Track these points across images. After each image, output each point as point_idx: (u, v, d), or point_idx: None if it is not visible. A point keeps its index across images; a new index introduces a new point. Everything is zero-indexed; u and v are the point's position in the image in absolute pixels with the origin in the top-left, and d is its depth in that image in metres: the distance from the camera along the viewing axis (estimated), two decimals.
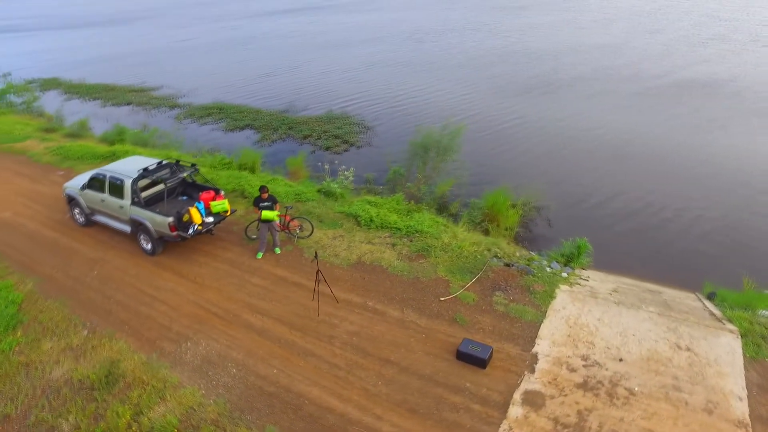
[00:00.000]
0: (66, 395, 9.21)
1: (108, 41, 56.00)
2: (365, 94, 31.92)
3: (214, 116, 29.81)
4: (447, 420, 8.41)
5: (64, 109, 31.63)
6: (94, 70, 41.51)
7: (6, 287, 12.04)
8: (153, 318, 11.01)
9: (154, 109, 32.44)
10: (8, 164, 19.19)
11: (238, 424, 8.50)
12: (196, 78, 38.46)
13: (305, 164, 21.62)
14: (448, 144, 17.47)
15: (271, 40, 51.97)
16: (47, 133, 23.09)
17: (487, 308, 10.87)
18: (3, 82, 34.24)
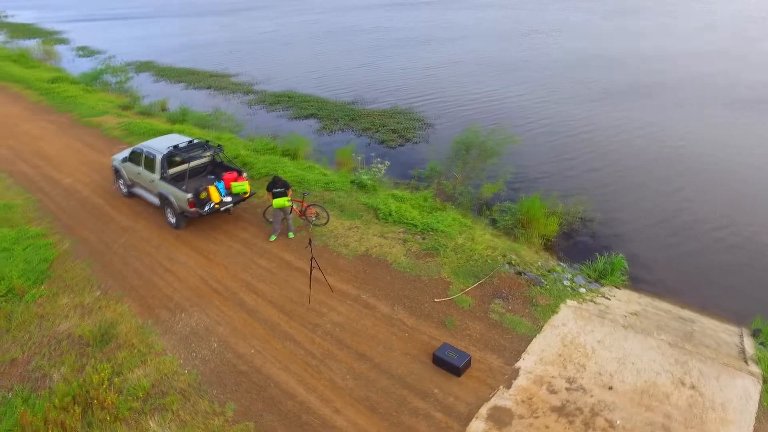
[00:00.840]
0: (64, 348, 9.90)
1: (204, 30, 59.25)
2: (437, 93, 31.40)
3: (283, 104, 30.72)
4: (403, 424, 8.09)
5: (150, 90, 34.11)
6: (185, 56, 44.12)
7: (46, 245, 13.15)
8: (159, 287, 11.55)
9: (230, 94, 33.99)
10: (83, 135, 20.97)
11: (203, 397, 8.70)
12: (274, 67, 39.83)
13: (354, 155, 21.75)
14: (492, 147, 16.77)
15: (355, 34, 52.57)
16: (123, 110, 24.98)
17: (481, 315, 10.34)
18: (106, 63, 37.50)
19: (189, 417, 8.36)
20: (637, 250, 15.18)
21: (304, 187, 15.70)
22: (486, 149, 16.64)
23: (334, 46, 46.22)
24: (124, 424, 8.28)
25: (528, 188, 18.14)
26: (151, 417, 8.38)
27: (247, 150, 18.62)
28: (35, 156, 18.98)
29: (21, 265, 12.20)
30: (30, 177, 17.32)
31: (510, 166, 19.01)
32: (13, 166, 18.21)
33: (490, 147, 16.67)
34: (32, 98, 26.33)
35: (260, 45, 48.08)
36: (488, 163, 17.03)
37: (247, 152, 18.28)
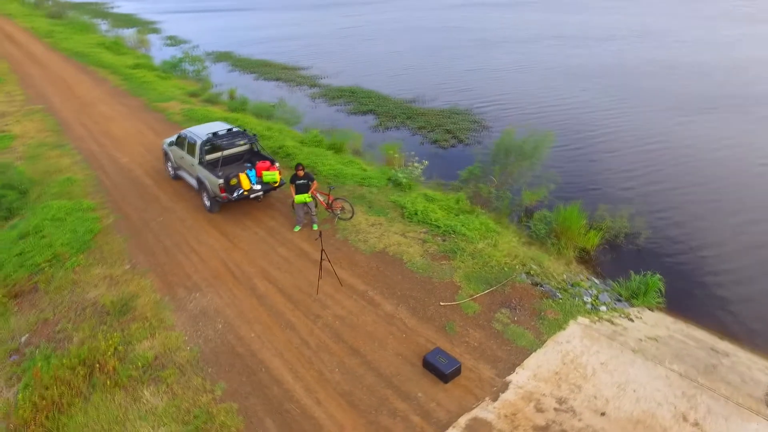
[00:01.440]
0: (87, 314, 10.68)
1: (290, 23, 60.87)
2: (501, 96, 30.57)
3: (345, 98, 31.19)
4: (379, 423, 8.06)
5: (224, 79, 35.76)
6: (263, 48, 45.59)
7: (93, 218, 14.21)
8: (182, 266, 12.15)
9: (297, 86, 34.93)
10: (147, 119, 22.40)
11: (198, 374, 9.10)
12: (345, 63, 40.39)
13: (400, 153, 21.76)
14: (530, 151, 16.19)
15: (435, 33, 52.02)
16: (190, 96, 26.39)
17: (484, 323, 10.05)
18: (185, 53, 39.71)
19: (181, 391, 8.76)
20: (685, 273, 14.22)
21: (340, 181, 15.91)
22: (522, 153, 16.06)
23: (409, 45, 45.98)
24: (122, 390, 8.82)
25: (577, 199, 17.33)
26: (146, 387, 8.87)
27: (293, 141, 19.11)
28: (104, 136, 20.49)
29: (68, 234, 13.26)
30: (95, 154, 18.74)
31: (559, 175, 18.33)
32: (83, 144, 19.77)
33: (526, 150, 16.07)
34: (114, 82, 28.43)
35: (338, 40, 48.79)
36: (526, 167, 16.44)
37: (292, 143, 18.77)
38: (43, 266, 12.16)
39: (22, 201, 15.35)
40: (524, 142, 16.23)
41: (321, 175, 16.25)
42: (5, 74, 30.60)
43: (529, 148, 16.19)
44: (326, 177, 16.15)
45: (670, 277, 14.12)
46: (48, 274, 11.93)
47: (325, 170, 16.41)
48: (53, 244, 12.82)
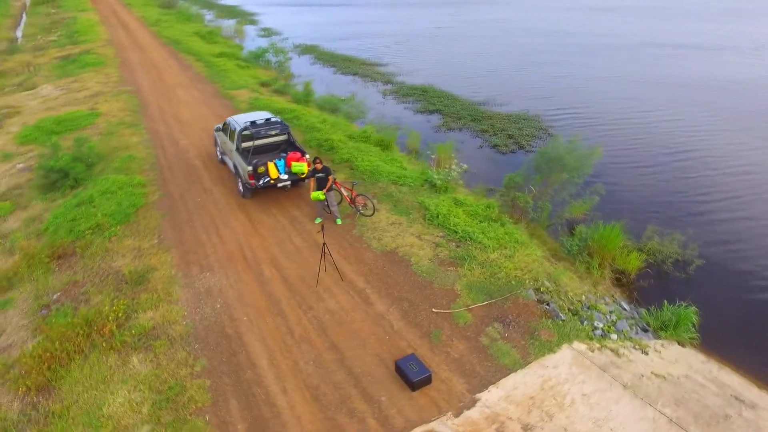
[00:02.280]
0: (109, 281, 11.59)
1: (387, 20, 61.28)
2: (581, 106, 28.83)
3: (415, 97, 31.14)
4: (335, 421, 8.06)
5: (304, 71, 37.01)
6: (350, 44, 46.16)
7: (140, 194, 15.33)
8: (203, 245, 12.80)
9: (372, 82, 35.33)
10: (215, 105, 23.73)
11: (185, 348, 9.58)
12: (426, 62, 40.15)
13: (452, 154, 21.43)
14: (572, 164, 15.26)
15: (532, 36, 50.16)
16: (261, 86, 27.59)
17: (471, 335, 9.69)
18: (271, 44, 41.48)
19: (165, 362, 9.28)
20: (738, 312, 13.02)
21: (374, 178, 15.95)
22: (564, 164, 15.18)
23: (502, 48, 44.55)
24: (116, 354, 9.49)
25: (632, 218, 16.20)
26: (137, 353, 9.48)
27: (341, 135, 19.38)
28: (173, 118, 21.99)
29: (114, 206, 14.41)
30: (160, 135, 20.17)
31: (621, 192, 17.23)
32: (153, 124, 21.35)
33: (568, 163, 15.17)
34: (197, 69, 30.39)
35: (427, 40, 48.48)
36: (568, 180, 15.52)
37: (339, 137, 19.05)
38: (85, 233, 13.32)
39: (87, 173, 16.87)
40: (568, 154, 15.31)
41: (357, 171, 16.38)
42: (110, 58, 33.69)
43: (572, 161, 15.26)
44: (362, 173, 16.25)
45: (719, 313, 12.96)
46: (87, 241, 13.06)
47: (363, 166, 16.50)
48: (99, 214, 13.99)
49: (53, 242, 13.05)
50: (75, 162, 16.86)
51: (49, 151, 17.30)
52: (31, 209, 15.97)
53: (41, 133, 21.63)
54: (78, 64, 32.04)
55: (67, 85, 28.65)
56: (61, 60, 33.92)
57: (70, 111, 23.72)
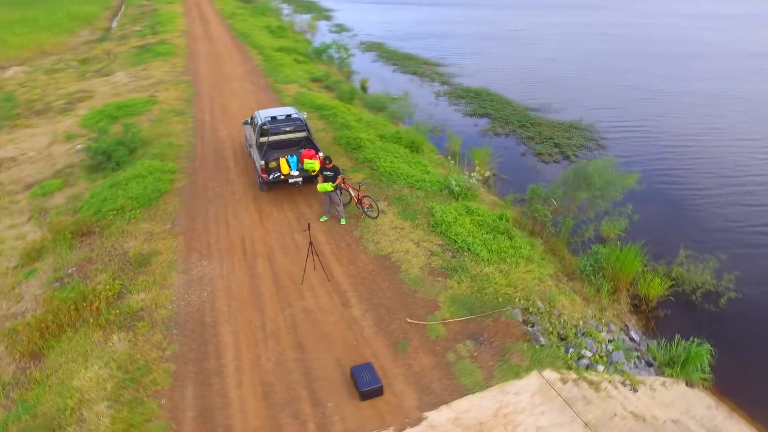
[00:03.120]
0: (115, 261, 12.31)
1: (464, 21, 60.04)
2: (643, 120, 26.91)
3: (467, 99, 30.58)
4: (277, 420, 8.14)
5: (364, 68, 37.38)
6: (417, 43, 45.47)
7: (167, 180, 16.12)
8: (209, 234, 13.27)
9: (429, 82, 35.03)
10: (262, 98, 24.45)
11: (163, 332, 10.00)
12: (488, 64, 39.10)
13: (488, 160, 20.91)
14: (600, 184, 14.36)
15: (611, 42, 47.43)
16: (312, 81, 28.10)
17: (439, 350, 9.40)
18: (333, 41, 42.14)
19: (141, 343, 9.73)
20: None
21: (392, 180, 15.82)
22: (592, 183, 14.30)
23: (575, 53, 42.34)
24: (101, 330, 10.07)
25: (673, 243, 15.12)
26: (118, 332, 10.01)
27: (373, 135, 19.37)
28: (219, 109, 22.92)
29: (140, 190, 15.24)
30: (204, 124, 21.10)
31: (669, 215, 16.12)
32: (201, 114, 22.36)
33: (594, 182, 14.28)
34: (256, 62, 31.46)
35: (499, 42, 47.10)
36: (595, 200, 14.63)
37: (370, 136, 19.05)
38: (109, 214, 14.20)
39: (128, 157, 17.96)
40: (596, 174, 14.41)
41: (376, 172, 16.31)
42: (181, 49, 35.63)
43: (600, 181, 14.36)
44: (380, 174, 16.16)
45: (744, 356, 11.95)
46: (109, 222, 13.92)
47: (383, 167, 16.41)
48: (124, 197, 14.85)
49: (80, 220, 14.02)
50: (118, 146, 17.99)
51: (96, 134, 18.55)
52: (76, 187, 17.24)
53: (103, 117, 23.24)
54: (151, 54, 34.12)
55: (137, 72, 30.62)
56: (138, 49, 36.27)
57: (132, 97, 25.34)
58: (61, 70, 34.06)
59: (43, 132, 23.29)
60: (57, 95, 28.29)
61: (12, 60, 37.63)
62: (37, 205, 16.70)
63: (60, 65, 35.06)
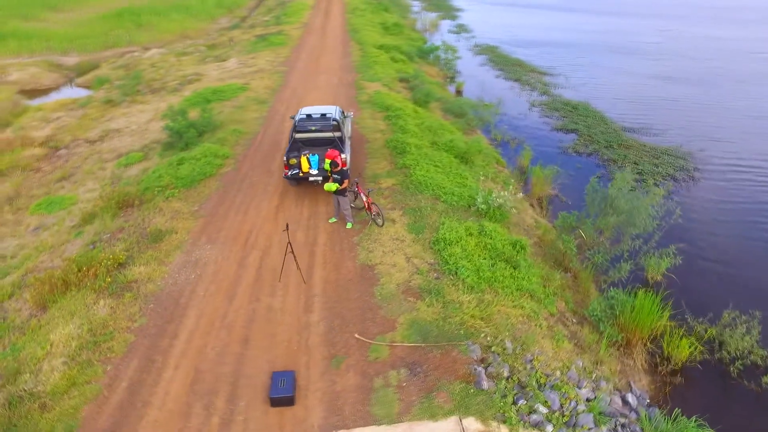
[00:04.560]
0: (136, 233, 13.59)
1: (594, 29, 56.36)
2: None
3: (562, 113, 28.78)
4: (191, 408, 8.57)
5: (468, 71, 36.81)
6: (533, 51, 43.54)
7: (216, 164, 17.32)
8: (226, 221, 14.09)
9: (529, 90, 33.47)
10: (341, 94, 25.07)
11: (142, 304, 10.92)
12: (597, 76, 36.33)
13: (551, 182, 19.67)
14: (625, 208, 12.80)
15: (746, 62, 41.97)
16: (398, 81, 28.17)
17: (370, 373, 9.14)
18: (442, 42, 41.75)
19: (118, 311, 10.74)
20: None
21: (418, 190, 15.47)
22: (615, 207, 12.81)
23: (697, 71, 37.80)
24: (94, 294, 11.24)
25: (714, 300, 13.29)
26: (106, 298, 11.10)
27: (425, 141, 19.04)
28: (297, 101, 23.97)
29: (188, 171, 16.59)
30: (275, 114, 22.28)
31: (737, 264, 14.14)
32: (278, 105, 23.62)
33: (620, 206, 12.76)
34: (353, 58, 32.28)
35: (618, 54, 43.36)
36: (622, 227, 13.11)
37: (420, 143, 18.74)
38: (153, 190, 15.67)
39: (196, 139, 19.59)
40: (620, 196, 12.88)
41: (408, 179, 16.02)
42: (293, 40, 37.79)
43: (624, 205, 12.83)
44: (410, 182, 15.86)
45: None
46: (150, 197, 15.38)
47: (417, 175, 16.08)
48: (173, 176, 16.27)
49: (127, 192, 15.66)
50: (189, 128, 19.69)
51: (175, 115, 20.46)
52: (150, 162, 19.25)
53: (200, 99, 25.53)
54: (265, 43, 36.61)
55: (246, 60, 33.07)
56: (257, 38, 39.10)
57: (229, 83, 27.50)
58: (189, 53, 37.87)
59: (150, 109, 26.19)
60: (175, 76, 31.55)
61: (156, 42, 42.63)
62: (117, 173, 18.92)
63: (190, 49, 39.00)
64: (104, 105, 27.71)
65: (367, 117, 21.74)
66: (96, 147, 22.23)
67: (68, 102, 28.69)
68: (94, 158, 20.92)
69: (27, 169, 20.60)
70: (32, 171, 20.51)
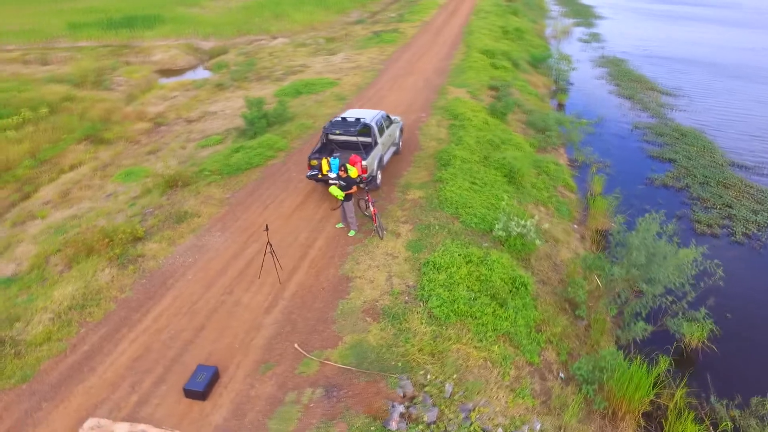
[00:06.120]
0: (169, 212, 14.90)
1: (743, 46, 49.66)
2: None
3: (666, 139, 25.74)
4: (123, 381, 9.34)
5: (581, 83, 34.36)
6: (665, 68, 39.42)
7: (266, 156, 18.29)
8: (246, 212, 14.88)
9: (638, 110, 30.30)
10: (420, 97, 24.71)
11: (138, 278, 12.05)
12: (728, 104, 31.58)
13: (610, 213, 17.90)
14: (640, 259, 11.12)
15: None
16: (487, 89, 27.07)
17: (288, 386, 9.17)
18: (557, 51, 39.16)
19: (117, 280, 12.01)
20: None
21: (440, 207, 14.94)
22: (630, 254, 11.24)
23: None
24: (106, 261, 12.63)
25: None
26: (113, 267, 12.43)
27: (474, 156, 18.24)
28: (375, 101, 24.23)
29: (238, 159, 17.76)
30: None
31: None
32: (357, 102, 24.06)
33: (635, 257, 11.16)
34: (453, 61, 31.61)
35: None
36: (640, 281, 11.49)
37: (469, 156, 18.00)
38: (202, 174, 17.04)
39: (264, 129, 20.81)
40: (637, 241, 11.24)
41: (435, 194, 15.51)
42: (404, 39, 38.09)
43: (641, 255, 11.19)
44: (436, 197, 15.36)
45: None
46: (195, 180, 16.72)
47: (447, 190, 15.53)
48: (224, 162, 17.53)
49: (179, 173, 17.14)
50: (260, 118, 20.97)
51: (252, 104, 21.85)
52: (223, 146, 20.87)
53: (292, 90, 27.07)
54: (376, 40, 37.40)
55: (351, 56, 34.12)
56: (371, 34, 40.04)
57: (322, 77, 28.66)
58: (307, 45, 39.98)
59: (249, 95, 28.15)
60: (283, 66, 33.60)
61: (285, 32, 45.62)
62: (192, 154, 20.80)
63: (309, 41, 41.13)
64: (214, 88, 30.47)
65: (433, 124, 21.32)
66: (190, 127, 24.57)
67: (187, 83, 32.01)
68: (183, 137, 23.15)
69: (129, 140, 23.45)
70: (132, 143, 23.29)
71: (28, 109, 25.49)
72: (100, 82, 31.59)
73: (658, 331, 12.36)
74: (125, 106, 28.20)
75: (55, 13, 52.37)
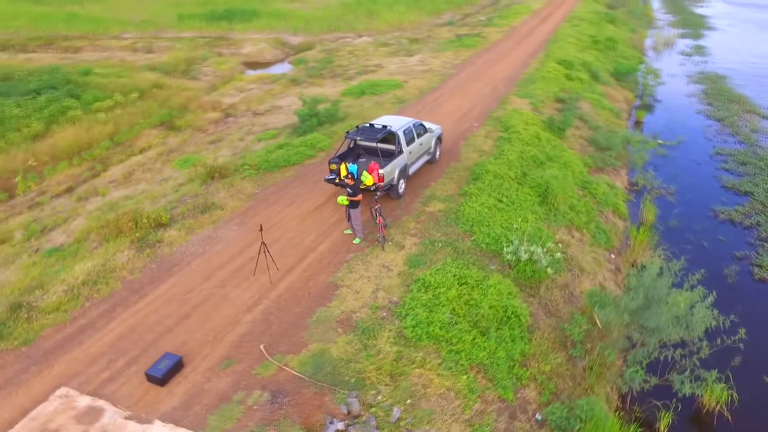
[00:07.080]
0: (196, 202, 15.84)
1: None
2: None
3: (749, 168, 23.04)
4: (102, 357, 10.16)
5: (670, 101, 31.74)
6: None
7: (306, 155, 18.83)
8: (268, 210, 15.37)
9: (726, 134, 27.20)
10: (480, 105, 23.92)
11: (149, 262, 13.01)
12: None
13: (652, 246, 16.61)
14: (642, 304, 10.08)
15: None
16: (554, 101, 25.73)
17: (240, 386, 9.48)
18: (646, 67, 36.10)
19: (131, 262, 13.02)
20: None
21: (453, 222, 14.61)
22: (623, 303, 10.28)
23: None
24: (129, 243, 13.75)
25: None
26: (132, 249, 13.51)
27: (511, 172, 17.51)
28: (433, 106, 24.03)
29: (278, 156, 18.48)
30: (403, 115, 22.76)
31: None
32: (415, 107, 23.84)
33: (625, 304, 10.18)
34: (527, 69, 30.32)
35: None
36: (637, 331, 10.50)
37: (506, 172, 17.32)
38: (240, 168, 17.92)
39: (314, 127, 21.41)
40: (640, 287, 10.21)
41: (454, 209, 15.15)
42: (484, 44, 37.21)
43: (633, 305, 10.18)
44: (455, 212, 15.00)
45: None
46: (232, 173, 17.62)
47: (466, 207, 15.11)
48: (263, 158, 18.31)
49: (219, 165, 18.11)
50: (312, 117, 21.62)
51: (307, 102, 22.49)
52: (275, 141, 21.78)
53: (357, 90, 27.56)
54: (456, 44, 36.91)
55: (426, 58, 33.98)
56: (454, 36, 39.53)
57: (390, 78, 28.85)
58: (389, 45, 40.34)
59: (320, 92, 29.07)
60: (358, 65, 34.18)
61: (372, 31, 46.35)
62: (247, 146, 21.89)
63: (392, 41, 41.44)
64: (289, 83, 31.73)
65: (482, 135, 20.75)
66: (255, 119, 25.82)
67: (265, 77, 33.61)
68: (245, 129, 24.40)
69: (197, 129, 25.14)
70: (200, 131, 24.95)
71: (121, 94, 28.13)
72: (188, 71, 34.06)
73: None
74: (205, 95, 30.18)
75: (172, 4, 57.08)
